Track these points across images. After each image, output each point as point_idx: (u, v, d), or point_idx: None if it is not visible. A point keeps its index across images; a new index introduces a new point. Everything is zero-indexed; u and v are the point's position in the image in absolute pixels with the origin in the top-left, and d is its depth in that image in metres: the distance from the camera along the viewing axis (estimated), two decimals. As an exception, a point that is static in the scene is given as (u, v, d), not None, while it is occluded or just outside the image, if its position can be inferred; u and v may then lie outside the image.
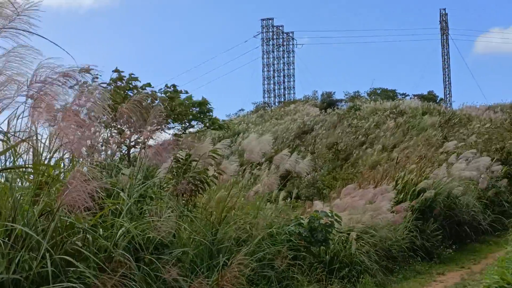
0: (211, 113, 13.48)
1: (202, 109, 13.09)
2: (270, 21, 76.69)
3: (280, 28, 76.89)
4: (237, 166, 10.22)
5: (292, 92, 75.77)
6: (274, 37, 76.88)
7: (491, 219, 18.39)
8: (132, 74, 11.38)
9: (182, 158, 8.56)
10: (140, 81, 11.44)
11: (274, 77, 76.22)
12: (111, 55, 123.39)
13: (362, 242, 11.61)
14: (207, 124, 13.75)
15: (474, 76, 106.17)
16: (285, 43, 77.06)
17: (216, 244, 8.44)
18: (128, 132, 8.56)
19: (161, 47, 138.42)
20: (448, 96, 69.47)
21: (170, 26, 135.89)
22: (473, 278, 11.82)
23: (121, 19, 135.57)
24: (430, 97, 58.08)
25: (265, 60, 76.45)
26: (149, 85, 11.56)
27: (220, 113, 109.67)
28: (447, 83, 70.23)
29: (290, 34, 77.02)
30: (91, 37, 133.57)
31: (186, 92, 12.68)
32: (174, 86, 12.35)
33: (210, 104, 13.33)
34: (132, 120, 6.87)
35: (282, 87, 76.04)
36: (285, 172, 11.33)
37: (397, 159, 20.82)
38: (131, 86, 11.23)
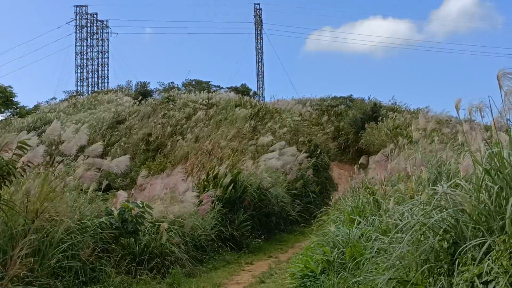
0: (14, 99, 12.88)
1: (6, 95, 12.45)
2: (84, 8, 74.36)
3: (95, 15, 74.87)
4: (45, 156, 9.88)
5: (106, 81, 74.07)
6: (88, 24, 74.76)
7: (299, 209, 19.35)
8: None
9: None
10: None
11: (87, 66, 74.03)
12: None
13: (173, 233, 11.69)
14: (13, 112, 13.14)
15: (303, 71, 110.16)
16: (99, 31, 75.22)
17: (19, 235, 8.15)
18: None
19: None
20: (261, 89, 71.76)
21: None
22: (279, 266, 12.39)
23: None
24: (243, 90, 59.30)
25: (78, 47, 74.06)
26: None
27: (30, 101, 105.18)
28: (260, 76, 72.47)
29: (105, 22, 75.26)
30: None
31: None
32: None
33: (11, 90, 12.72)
34: None
35: (95, 76, 74.11)
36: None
37: (209, 150, 21.19)
38: None
